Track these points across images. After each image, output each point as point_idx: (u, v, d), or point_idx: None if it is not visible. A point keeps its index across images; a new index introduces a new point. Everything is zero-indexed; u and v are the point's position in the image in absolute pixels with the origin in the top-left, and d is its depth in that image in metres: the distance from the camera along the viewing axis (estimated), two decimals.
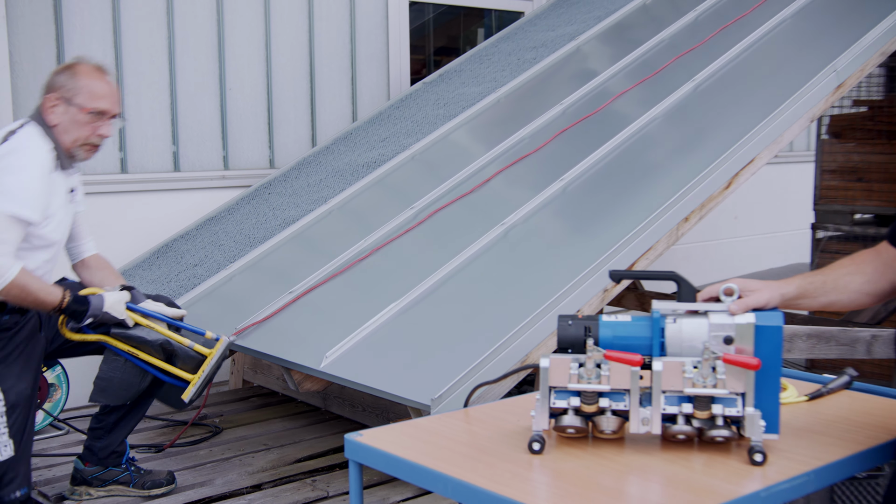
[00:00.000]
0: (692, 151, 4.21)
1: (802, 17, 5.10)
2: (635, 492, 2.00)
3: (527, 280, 3.74)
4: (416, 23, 6.81)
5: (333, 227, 4.72)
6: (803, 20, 5.08)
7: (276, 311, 4.08)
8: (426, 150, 5.17)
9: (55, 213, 3.43)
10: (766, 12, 5.26)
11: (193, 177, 5.62)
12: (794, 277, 2.39)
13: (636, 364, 2.18)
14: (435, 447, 2.24)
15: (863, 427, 2.39)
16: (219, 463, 4.07)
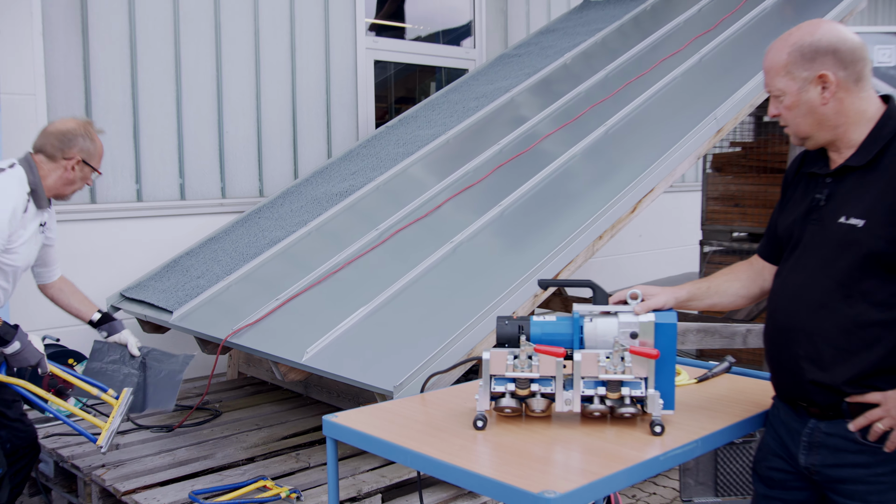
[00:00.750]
0: (604, 183, 4.24)
1: (690, 76, 5.17)
2: (560, 459, 2.02)
3: (472, 287, 3.75)
4: (379, 77, 6.82)
5: (312, 245, 4.70)
6: (691, 78, 5.14)
7: (265, 314, 4.06)
8: (388, 182, 5.18)
9: (22, 245, 3.30)
10: (662, 71, 5.31)
11: (196, 204, 5.58)
12: (685, 284, 2.44)
13: (560, 355, 2.20)
14: (397, 425, 2.25)
15: (739, 403, 2.44)
16: (218, 440, 4.04)
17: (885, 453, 2.07)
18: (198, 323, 4.28)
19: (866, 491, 2.10)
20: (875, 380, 2.08)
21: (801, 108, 2.14)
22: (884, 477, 2.08)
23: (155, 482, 3.53)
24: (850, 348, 2.09)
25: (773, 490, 2.34)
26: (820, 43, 2.11)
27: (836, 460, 2.14)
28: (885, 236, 2.04)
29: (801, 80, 2.12)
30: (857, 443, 2.10)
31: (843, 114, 2.13)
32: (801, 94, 2.12)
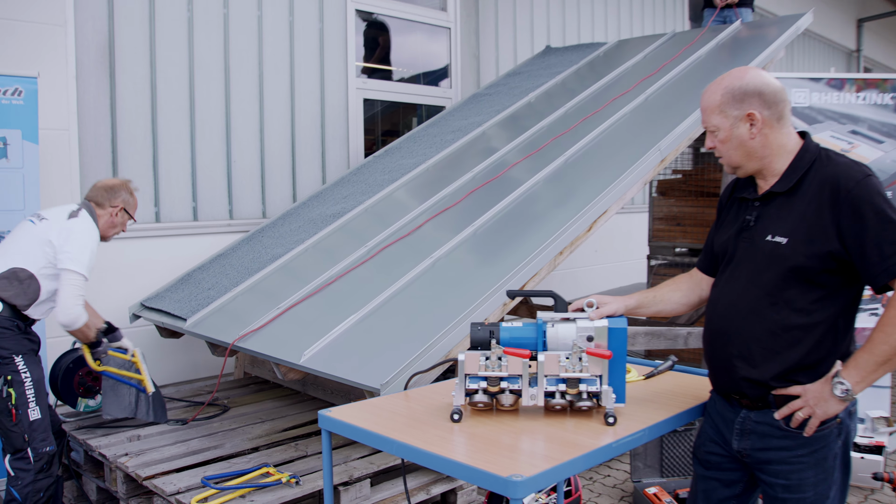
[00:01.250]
0: (564, 205, 4.26)
1: (638, 112, 5.21)
2: (526, 447, 2.02)
3: (448, 297, 3.75)
4: (368, 113, 6.82)
5: (309, 260, 4.69)
6: (638, 115, 5.18)
7: (267, 321, 4.04)
8: (376, 205, 5.17)
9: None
10: (613, 108, 5.35)
11: (207, 224, 5.56)
12: (634, 294, 2.46)
13: (526, 357, 2.21)
14: (383, 419, 2.25)
15: (681, 396, 2.45)
16: (227, 432, 4.01)
17: (805, 438, 2.11)
18: (208, 329, 4.26)
19: (788, 470, 2.14)
20: (797, 375, 2.11)
21: (732, 142, 2.18)
22: (803, 458, 2.12)
23: (171, 469, 3.51)
24: (776, 348, 2.12)
25: (710, 471, 2.37)
26: (748, 87, 2.15)
27: (764, 444, 2.17)
28: (804, 252, 2.07)
29: (732, 118, 2.16)
30: (781, 429, 2.13)
31: (767, 147, 2.17)
32: (732, 129, 2.17)
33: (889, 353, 2.00)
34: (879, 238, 2.00)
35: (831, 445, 2.13)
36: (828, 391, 2.05)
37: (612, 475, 4.62)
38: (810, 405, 2.07)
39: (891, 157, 4.74)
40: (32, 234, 3.55)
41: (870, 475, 4.34)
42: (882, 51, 17.22)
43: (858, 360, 2.04)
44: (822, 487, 2.13)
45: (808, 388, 2.09)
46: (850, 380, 2.03)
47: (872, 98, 4.77)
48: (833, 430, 2.12)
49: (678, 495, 4.05)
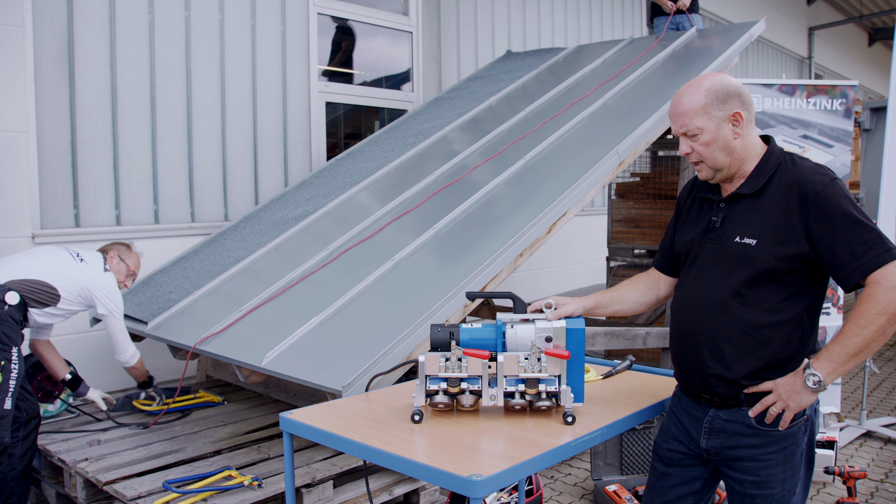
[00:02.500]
0: (524, 207, 4.27)
1: (597, 117, 5.24)
2: (486, 446, 2.02)
3: (410, 299, 3.74)
4: (330, 116, 6.79)
5: (271, 263, 4.65)
6: (597, 118, 5.22)
7: (229, 324, 4.00)
8: (338, 207, 5.15)
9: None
10: (572, 112, 5.38)
11: (169, 227, 5.49)
12: (591, 294, 2.47)
13: (486, 357, 2.21)
14: (344, 420, 2.23)
15: (639, 395, 2.47)
16: (189, 435, 3.96)
17: (774, 435, 2.14)
18: (170, 332, 4.20)
19: (758, 467, 2.17)
20: (767, 373, 2.14)
21: (718, 143, 2.17)
22: (773, 455, 2.16)
23: (132, 473, 3.45)
24: (747, 347, 2.15)
25: (670, 467, 2.38)
26: (729, 87, 2.18)
27: (734, 443, 2.19)
28: (773, 253, 2.11)
29: (717, 118, 2.16)
30: (752, 427, 2.16)
31: (745, 148, 2.20)
32: (718, 130, 2.17)
33: (861, 345, 2.03)
34: (849, 239, 2.03)
35: (799, 442, 2.17)
36: (799, 383, 2.08)
37: (573, 473, 4.65)
38: (783, 399, 2.10)
39: (840, 160, 4.83)
40: (72, 269, 3.90)
41: (822, 469, 4.42)
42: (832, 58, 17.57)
43: (831, 351, 2.06)
44: (789, 483, 2.17)
45: (778, 382, 2.12)
46: (822, 371, 2.05)
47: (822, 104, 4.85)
48: (801, 426, 2.16)
49: (637, 492, 4.08)
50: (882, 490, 4.41)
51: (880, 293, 1.99)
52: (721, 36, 5.90)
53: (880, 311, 1.99)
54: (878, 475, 4.63)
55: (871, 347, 2.02)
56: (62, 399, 4.25)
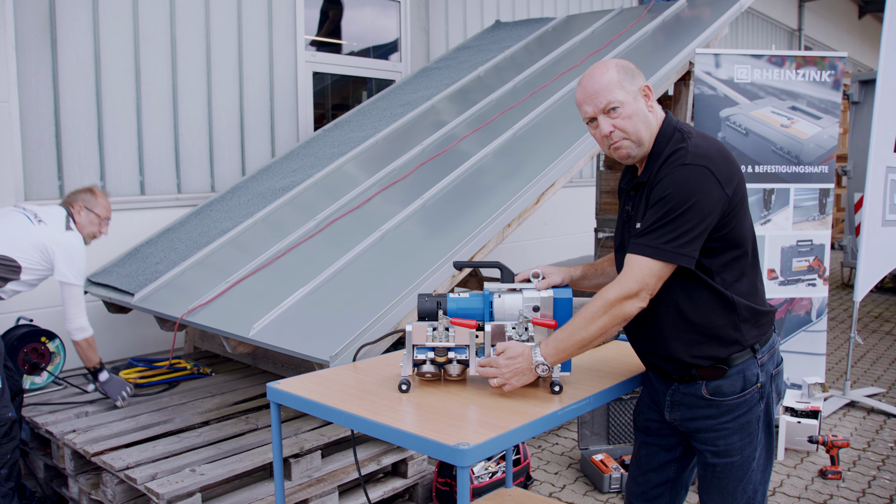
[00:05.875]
0: (512, 178, 4.26)
1: None
2: (473, 416, 2.02)
3: (397, 270, 3.74)
4: (318, 87, 6.73)
5: (258, 234, 4.63)
6: None
7: (216, 295, 3.99)
8: (325, 178, 5.12)
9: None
10: (561, 82, 5.36)
11: (155, 199, 5.44)
12: (579, 265, 2.47)
13: (473, 327, 2.21)
14: (332, 390, 2.23)
15: (625, 365, 2.48)
16: (177, 406, 3.96)
17: (727, 405, 2.16)
18: (157, 303, 4.19)
19: (715, 437, 2.20)
20: (706, 348, 2.14)
21: (638, 116, 2.14)
22: (727, 424, 2.18)
23: (120, 444, 3.45)
24: (675, 332, 2.16)
25: (650, 437, 2.41)
26: (631, 65, 2.17)
27: (692, 415, 2.22)
28: None
29: (632, 91, 2.14)
30: (704, 399, 2.18)
31: (658, 122, 2.18)
32: (635, 102, 2.14)
33: (585, 341, 2.07)
34: (653, 219, 2.04)
35: (754, 409, 2.18)
36: (526, 365, 2.10)
37: (560, 443, 4.68)
38: (506, 377, 2.12)
39: (828, 132, 4.83)
40: (28, 232, 3.68)
41: (806, 439, 4.47)
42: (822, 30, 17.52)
43: (559, 338, 2.09)
44: (748, 450, 2.19)
45: (505, 362, 2.12)
46: (549, 359, 2.09)
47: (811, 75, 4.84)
48: (754, 394, 2.17)
49: (624, 461, 4.12)
50: (864, 458, 4.47)
51: (622, 278, 2.05)
52: (710, 6, 5.86)
53: (606, 303, 2.04)
54: (860, 444, 4.68)
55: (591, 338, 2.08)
56: (49, 371, 4.24)
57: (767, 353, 2.19)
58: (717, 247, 2.09)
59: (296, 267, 4.05)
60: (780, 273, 4.82)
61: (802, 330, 4.88)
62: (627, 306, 2.04)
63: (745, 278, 2.16)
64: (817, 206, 4.84)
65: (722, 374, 2.14)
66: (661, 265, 2.03)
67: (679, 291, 2.12)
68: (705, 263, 2.09)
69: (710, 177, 2.02)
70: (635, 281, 2.03)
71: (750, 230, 2.17)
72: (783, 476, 4.21)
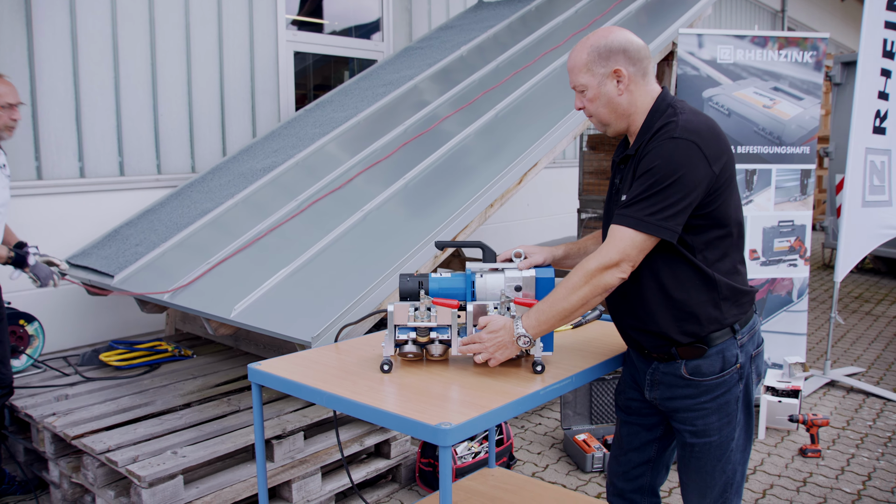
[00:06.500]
0: (495, 158, 4.26)
1: None
2: (455, 395, 2.02)
3: (380, 250, 3.73)
4: (299, 66, 6.68)
5: (239, 215, 4.60)
6: None
7: (197, 276, 3.97)
8: (307, 158, 5.09)
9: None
10: (545, 62, 5.34)
11: (134, 180, 5.39)
12: (561, 245, 2.47)
13: (455, 307, 2.21)
14: (314, 371, 2.23)
15: (607, 345, 2.49)
16: (158, 389, 3.94)
17: (706, 385, 2.17)
18: (137, 285, 4.16)
19: (694, 417, 2.20)
20: (686, 325, 2.14)
21: (601, 100, 2.17)
22: (706, 404, 2.18)
23: (101, 427, 3.42)
24: (656, 309, 2.16)
25: (631, 416, 2.42)
26: (612, 44, 2.15)
27: (671, 394, 2.22)
28: None
29: (599, 75, 2.15)
30: (684, 378, 2.18)
31: (633, 104, 2.17)
32: (600, 87, 2.16)
33: (566, 312, 2.07)
34: (638, 191, 2.04)
35: (733, 390, 2.18)
36: (509, 338, 2.12)
37: (543, 423, 4.70)
38: (490, 352, 2.14)
39: (809, 113, 4.85)
40: None
41: (786, 418, 4.51)
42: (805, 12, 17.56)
43: (540, 310, 2.10)
44: (726, 430, 2.20)
45: (487, 336, 2.13)
46: (531, 331, 2.10)
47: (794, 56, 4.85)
48: (734, 374, 2.17)
49: (607, 441, 4.14)
50: (843, 437, 4.52)
51: (603, 248, 2.05)
52: None
53: (586, 273, 2.04)
54: (840, 423, 4.74)
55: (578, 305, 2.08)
56: (28, 354, 4.21)
57: (748, 334, 2.19)
58: (701, 224, 2.09)
59: (277, 248, 4.03)
60: (762, 253, 4.85)
61: (784, 310, 4.92)
62: (608, 276, 2.04)
63: (727, 258, 2.16)
64: (799, 186, 4.86)
65: (701, 353, 2.14)
66: (644, 237, 2.03)
67: (661, 266, 2.12)
68: (688, 240, 2.09)
69: (697, 152, 2.02)
70: (617, 251, 2.03)
71: (736, 211, 2.17)
72: (764, 455, 4.25)
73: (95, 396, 3.83)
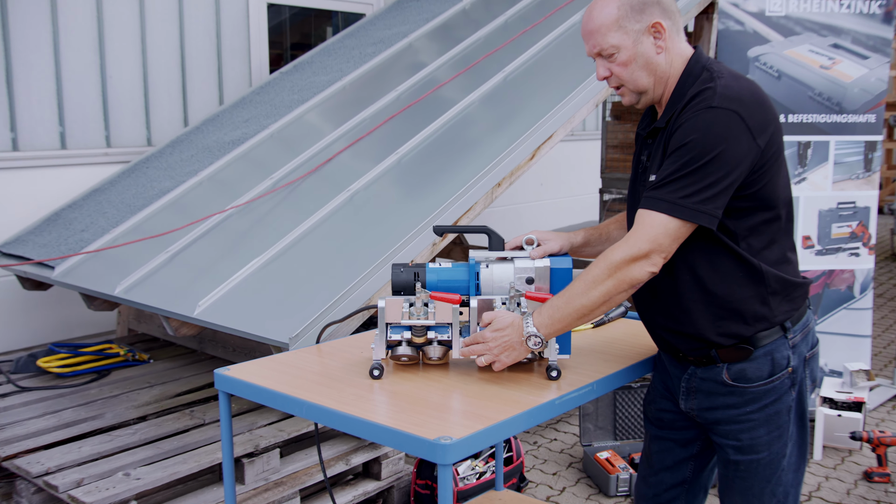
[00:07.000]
0: (503, 129, 4.25)
1: None
2: (457, 405, 2.04)
3: (369, 236, 3.74)
4: (274, 21, 6.67)
5: (204, 195, 4.61)
6: None
7: (155, 267, 3.98)
8: (283, 130, 5.10)
9: None
10: (562, 16, 5.33)
11: (78, 154, 5.40)
12: (580, 230, 2.48)
13: (456, 302, 2.22)
14: (292, 377, 2.24)
15: (634, 346, 2.50)
16: (107, 399, 3.96)
17: (752, 392, 2.16)
18: (83, 278, 4.17)
19: (738, 430, 2.19)
20: (726, 325, 2.14)
21: (638, 62, 2.13)
22: (752, 415, 2.17)
23: (38, 445, 3.43)
24: (693, 306, 2.16)
25: (663, 430, 2.43)
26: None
27: (711, 403, 2.22)
28: None
29: (634, 32, 2.11)
30: (725, 385, 2.18)
31: (670, 64, 2.16)
32: (636, 46, 2.12)
33: (585, 310, 2.06)
34: (670, 170, 2.02)
35: (784, 398, 2.18)
36: (517, 337, 2.10)
37: (558, 439, 4.72)
38: (494, 353, 2.12)
39: (876, 74, 4.84)
40: None
41: (847, 435, 4.51)
42: None
43: (554, 306, 2.08)
44: (776, 446, 2.19)
45: (492, 335, 2.12)
46: (543, 330, 2.08)
47: (858, 6, 4.84)
48: (785, 380, 2.17)
49: (633, 459, 4.17)
50: None
51: (631, 237, 2.03)
52: None
53: (611, 265, 2.03)
54: None
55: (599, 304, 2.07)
56: None
57: (800, 333, 2.20)
58: (744, 206, 2.08)
59: (249, 234, 4.04)
60: (818, 241, 4.86)
61: (843, 307, 4.93)
62: (635, 270, 2.03)
63: (775, 245, 2.16)
64: (862, 161, 4.87)
65: (746, 355, 2.15)
66: (678, 223, 2.01)
67: (698, 256, 2.11)
68: (729, 225, 2.09)
69: (739, 123, 2.01)
70: (646, 240, 2.01)
71: (785, 190, 2.17)
72: (821, 478, 4.27)
73: (32, 409, 3.84)
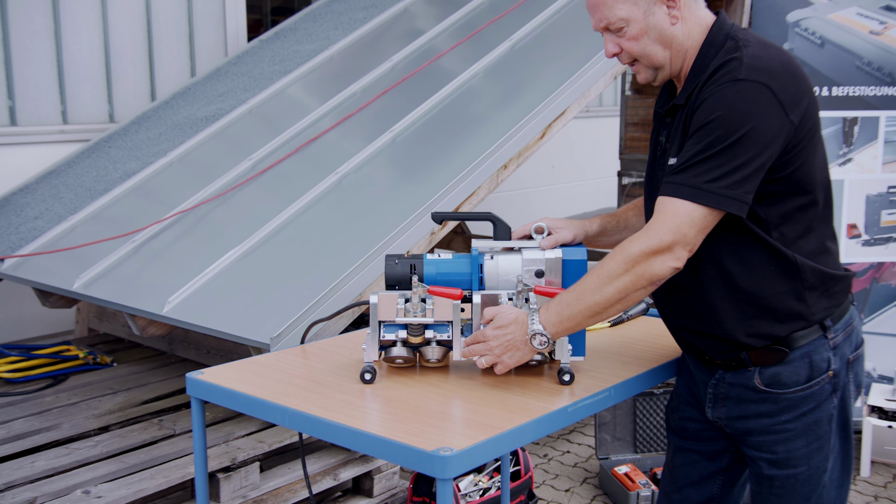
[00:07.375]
0: (510, 104, 4.26)
1: None
2: (458, 413, 2.04)
3: (359, 225, 3.74)
4: None
5: (174, 178, 4.62)
6: None
7: (118, 259, 3.99)
8: (263, 105, 5.10)
9: None
10: None
11: (31, 131, 5.41)
12: (595, 217, 2.48)
13: (457, 298, 2.21)
14: (274, 382, 2.24)
15: (656, 348, 2.50)
16: (65, 408, 3.97)
17: (788, 399, 2.14)
18: (36, 272, 4.18)
19: (773, 441, 2.18)
20: (757, 323, 2.14)
21: (650, 35, 2.12)
22: (789, 424, 2.16)
23: None
24: (719, 303, 2.15)
25: (687, 441, 2.42)
26: None
27: (742, 412, 2.21)
28: None
29: (644, 2, 2.10)
30: (758, 391, 2.17)
31: (689, 35, 2.14)
32: (647, 17, 2.11)
33: (598, 308, 2.06)
34: (694, 151, 2.01)
35: (824, 406, 2.17)
36: (521, 336, 2.10)
37: (572, 451, 4.74)
38: (496, 354, 2.12)
39: None
40: None
41: None
42: None
43: (564, 302, 2.08)
44: (816, 459, 2.18)
45: (493, 333, 2.12)
46: (550, 329, 2.08)
47: None
48: (825, 385, 2.16)
49: (655, 475, 4.18)
50: None
51: (651, 227, 2.02)
52: None
53: (628, 258, 2.01)
54: None
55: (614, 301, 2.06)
56: None
57: (842, 332, 2.20)
58: (776, 191, 2.09)
59: (225, 222, 4.06)
60: (865, 229, 4.86)
61: (894, 305, 4.93)
62: (656, 265, 2.02)
63: (812, 234, 2.16)
64: None
65: (781, 358, 2.15)
66: (704, 211, 2.00)
67: (725, 248, 2.11)
68: (760, 213, 2.08)
69: (770, 97, 2.01)
70: (668, 231, 2.00)
71: (822, 171, 2.16)
72: (869, 497, 4.28)
73: None
